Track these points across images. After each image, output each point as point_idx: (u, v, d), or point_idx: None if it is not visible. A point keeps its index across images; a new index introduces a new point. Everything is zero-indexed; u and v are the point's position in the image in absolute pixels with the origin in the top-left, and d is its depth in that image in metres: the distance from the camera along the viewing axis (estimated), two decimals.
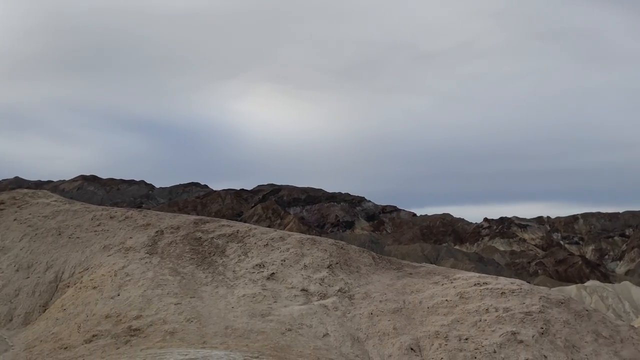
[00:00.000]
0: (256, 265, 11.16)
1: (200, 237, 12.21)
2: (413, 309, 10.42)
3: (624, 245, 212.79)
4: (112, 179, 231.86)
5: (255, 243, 12.03)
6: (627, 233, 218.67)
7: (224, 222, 13.24)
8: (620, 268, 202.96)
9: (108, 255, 11.53)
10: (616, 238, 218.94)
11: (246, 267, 11.12)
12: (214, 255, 11.51)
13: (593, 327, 10.18)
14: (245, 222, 16.28)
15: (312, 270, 11.20)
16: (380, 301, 10.41)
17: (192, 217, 13.64)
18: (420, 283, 11.75)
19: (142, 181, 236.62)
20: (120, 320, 9.18)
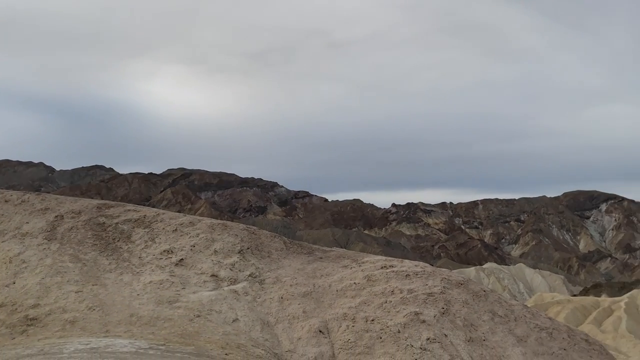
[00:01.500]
0: (164, 251, 10.87)
1: (104, 223, 11.70)
2: (322, 292, 10.60)
3: (519, 229, 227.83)
4: (7, 161, 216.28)
5: (164, 228, 11.71)
6: (522, 218, 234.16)
7: (130, 206, 12.77)
8: (516, 251, 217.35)
9: (2, 242, 10.78)
10: (512, 223, 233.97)
11: (153, 253, 10.81)
12: (118, 241, 11.08)
13: (489, 307, 10.82)
14: (153, 207, 15.80)
15: (223, 256, 11.08)
16: (291, 285, 10.50)
17: (95, 202, 13.03)
18: (330, 267, 11.96)
19: (41, 163, 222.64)
20: (16, 309, 8.64)
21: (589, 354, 10.73)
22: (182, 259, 10.72)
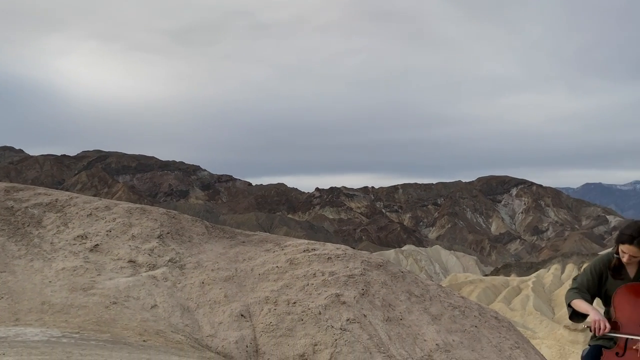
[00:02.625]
0: (78, 236, 10.43)
1: (13, 207, 11.05)
2: (245, 276, 10.57)
3: (436, 213, 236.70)
4: None
5: (77, 213, 11.21)
6: (439, 202, 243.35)
7: (41, 190, 12.11)
8: (433, 233, 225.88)
9: None
10: (430, 207, 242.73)
11: (66, 238, 10.34)
12: (28, 226, 10.51)
13: (407, 287, 11.21)
14: (67, 190, 15.09)
15: (141, 241, 10.77)
16: (212, 270, 10.39)
17: (3, 185, 12.26)
18: (252, 251, 11.94)
19: None
20: None
21: (498, 330, 11.38)
22: (97, 245, 10.33)
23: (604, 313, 3.05)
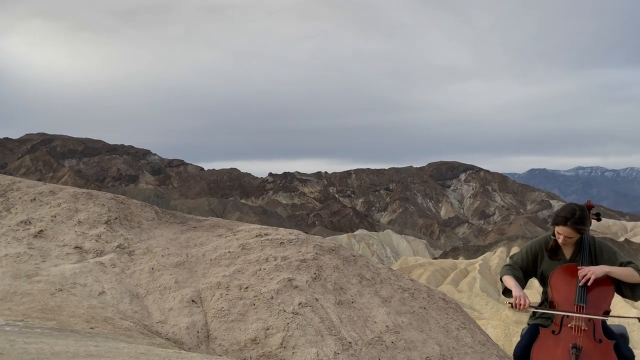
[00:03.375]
0: (21, 222, 10.07)
1: None
2: (196, 262, 10.47)
3: (388, 198, 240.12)
4: None
5: (21, 198, 10.82)
6: (391, 187, 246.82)
7: None
8: (384, 218, 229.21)
9: None
10: (382, 192, 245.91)
11: (9, 224, 9.96)
12: None
13: (358, 271, 11.36)
14: (10, 175, 14.50)
15: (88, 227, 10.50)
16: (162, 256, 10.24)
17: None
18: (204, 236, 11.82)
19: None
20: None
21: (446, 312, 11.69)
22: (41, 231, 10.01)
23: (542, 293, 3.18)
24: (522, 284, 3.20)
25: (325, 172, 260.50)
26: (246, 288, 9.79)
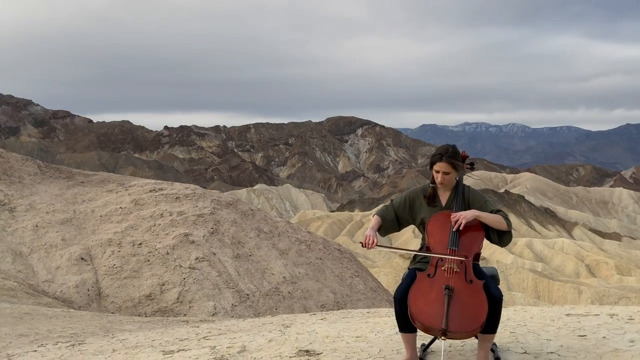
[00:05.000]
0: None
1: None
2: (85, 218, 10.00)
3: (287, 152, 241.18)
4: None
5: None
6: (290, 142, 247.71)
7: None
8: (284, 172, 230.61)
9: None
10: (281, 146, 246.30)
11: None
12: None
13: (256, 225, 11.41)
14: None
15: None
16: (47, 212, 9.67)
17: None
18: (93, 192, 11.28)
19: None
20: None
21: (341, 261, 12.13)
22: None
23: (422, 239, 3.36)
24: (392, 226, 3.36)
25: (224, 126, 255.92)
26: (140, 244, 9.54)
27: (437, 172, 3.25)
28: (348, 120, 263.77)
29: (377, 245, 3.15)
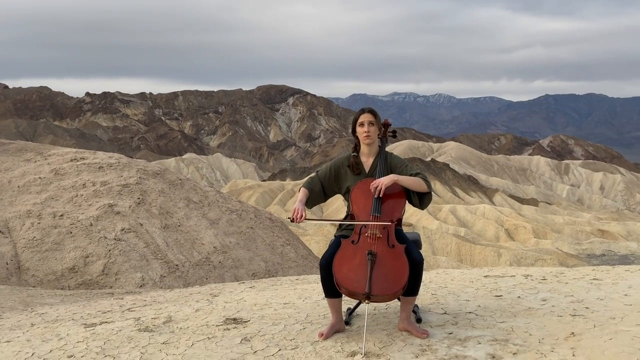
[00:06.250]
0: None
1: None
2: (1, 189, 9.48)
3: (217, 121, 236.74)
4: None
5: None
6: (220, 110, 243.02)
7: None
8: (214, 141, 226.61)
9: None
10: (211, 114, 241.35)
11: None
12: None
13: (185, 194, 11.22)
14: None
15: None
16: None
17: None
18: (9, 161, 10.69)
19: None
20: None
21: (272, 230, 12.16)
22: None
23: (347, 207, 3.42)
24: (319, 197, 3.41)
25: (150, 93, 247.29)
26: (61, 216, 9.16)
27: (362, 125, 3.30)
28: (279, 88, 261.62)
29: (305, 219, 3.18)
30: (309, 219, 3.21)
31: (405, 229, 3.47)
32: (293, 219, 3.17)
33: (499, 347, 2.91)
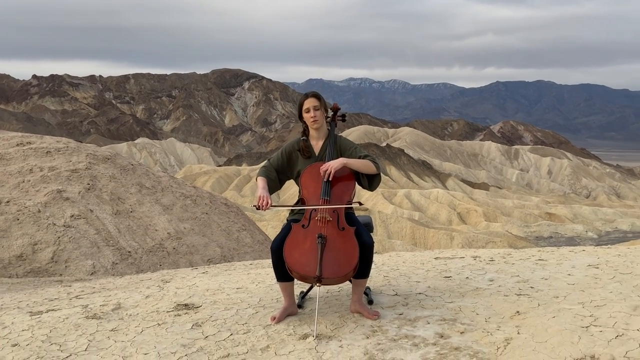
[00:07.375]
0: None
1: None
2: None
3: (171, 105, 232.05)
4: None
5: None
6: (173, 94, 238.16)
7: None
8: (167, 126, 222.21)
9: None
10: (164, 98, 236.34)
11: None
12: None
13: (137, 180, 11.00)
14: None
15: None
16: None
17: None
18: None
19: None
20: None
21: (227, 215, 12.08)
22: None
23: (298, 192, 3.42)
24: (275, 185, 3.41)
25: (100, 76, 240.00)
26: (7, 202, 8.84)
27: (308, 111, 3.31)
28: (234, 72, 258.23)
29: (271, 206, 3.17)
30: (274, 206, 3.20)
31: (360, 214, 3.51)
32: (259, 206, 3.15)
33: (447, 327, 2.99)
